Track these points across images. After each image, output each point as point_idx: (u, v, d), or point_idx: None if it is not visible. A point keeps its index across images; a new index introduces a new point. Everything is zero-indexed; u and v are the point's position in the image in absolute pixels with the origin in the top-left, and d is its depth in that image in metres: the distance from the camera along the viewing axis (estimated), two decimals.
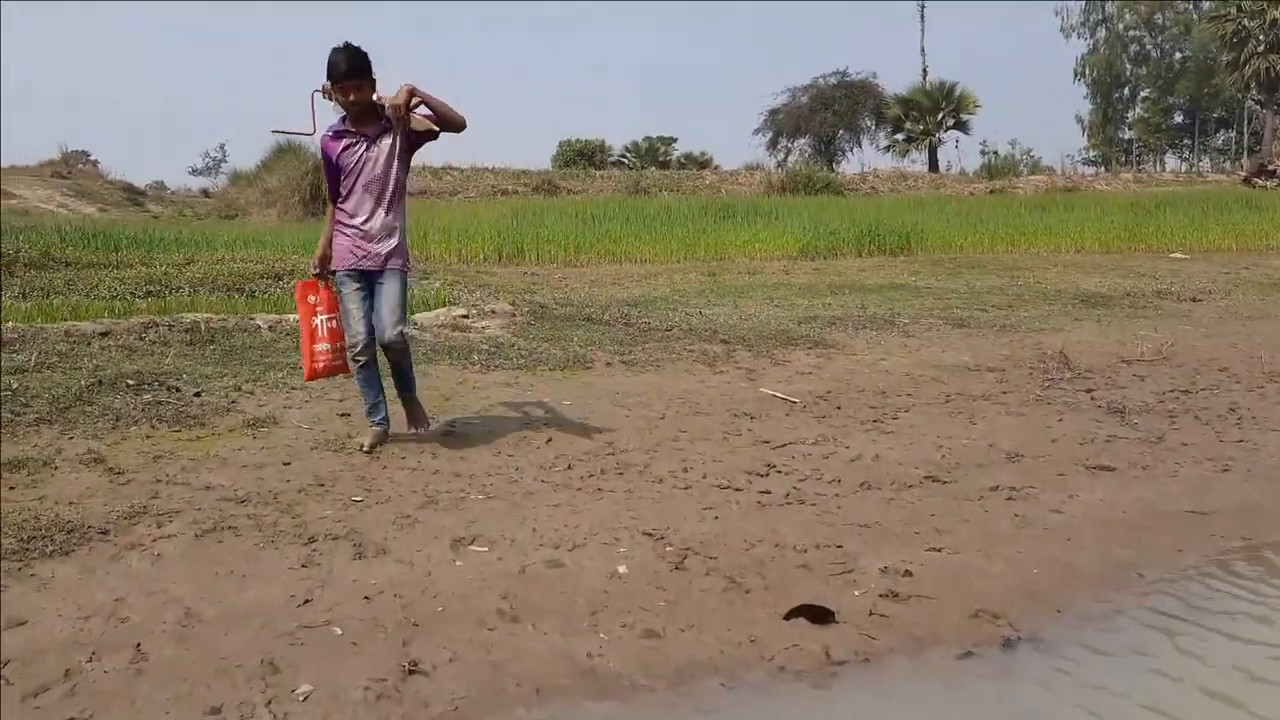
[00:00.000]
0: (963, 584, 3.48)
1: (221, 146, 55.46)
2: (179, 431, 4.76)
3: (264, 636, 2.94)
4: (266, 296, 10.60)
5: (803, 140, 41.57)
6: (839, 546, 3.56)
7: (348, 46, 4.42)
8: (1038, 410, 6.01)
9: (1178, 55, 49.69)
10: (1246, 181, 31.01)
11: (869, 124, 40.97)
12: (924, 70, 41.95)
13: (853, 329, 8.66)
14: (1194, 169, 39.57)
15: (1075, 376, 7.07)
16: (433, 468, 4.52)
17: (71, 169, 25.48)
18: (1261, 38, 36.54)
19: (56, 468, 4.11)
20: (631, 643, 3.00)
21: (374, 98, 4.49)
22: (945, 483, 4.53)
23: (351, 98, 4.44)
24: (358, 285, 4.60)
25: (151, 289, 10.85)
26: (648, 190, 24.32)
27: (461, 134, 4.75)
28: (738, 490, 4.33)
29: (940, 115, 37.35)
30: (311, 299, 4.81)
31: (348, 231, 4.60)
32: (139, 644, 2.87)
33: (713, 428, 5.51)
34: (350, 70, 4.40)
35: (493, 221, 18.31)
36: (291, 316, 7.04)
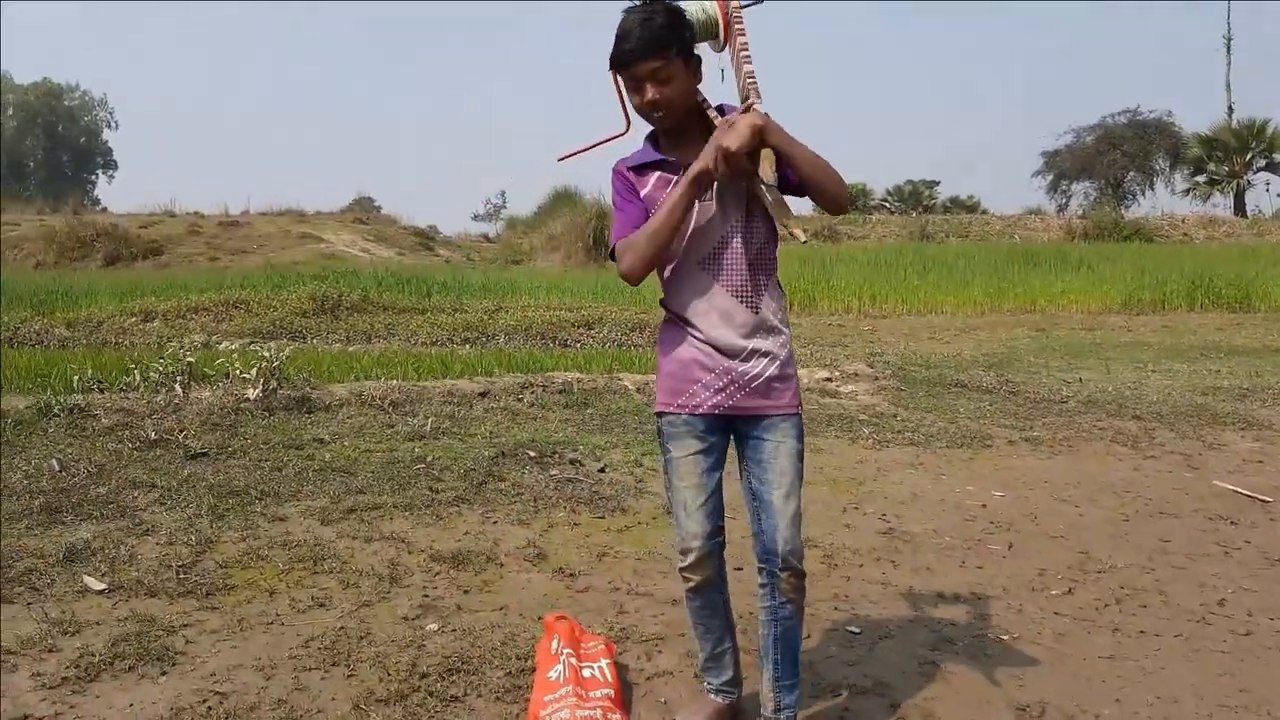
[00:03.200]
0: None
1: (502, 193, 58.06)
2: (602, 518, 4.28)
3: None
4: (580, 345, 10.47)
5: (1087, 183, 38.83)
6: None
7: (647, 4, 2.37)
8: None
9: None
10: None
11: (1163, 165, 37.72)
12: (1229, 107, 38.19)
13: (1273, 406, 7.36)
14: None
15: None
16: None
17: (369, 215, 27.00)
18: None
19: (501, 564, 3.67)
20: None
21: (698, 100, 2.44)
22: None
23: (650, 96, 2.34)
24: (702, 445, 2.45)
25: (469, 335, 10.91)
26: (932, 236, 23.11)
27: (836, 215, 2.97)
28: None
29: (1249, 155, 33.82)
30: (555, 644, 2.80)
31: (689, 342, 2.45)
32: None
33: (1196, 536, 4.55)
34: (646, 46, 2.30)
35: (780, 270, 17.75)
36: (653, 378, 6.57)
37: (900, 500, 4.85)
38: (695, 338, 2.42)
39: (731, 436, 2.49)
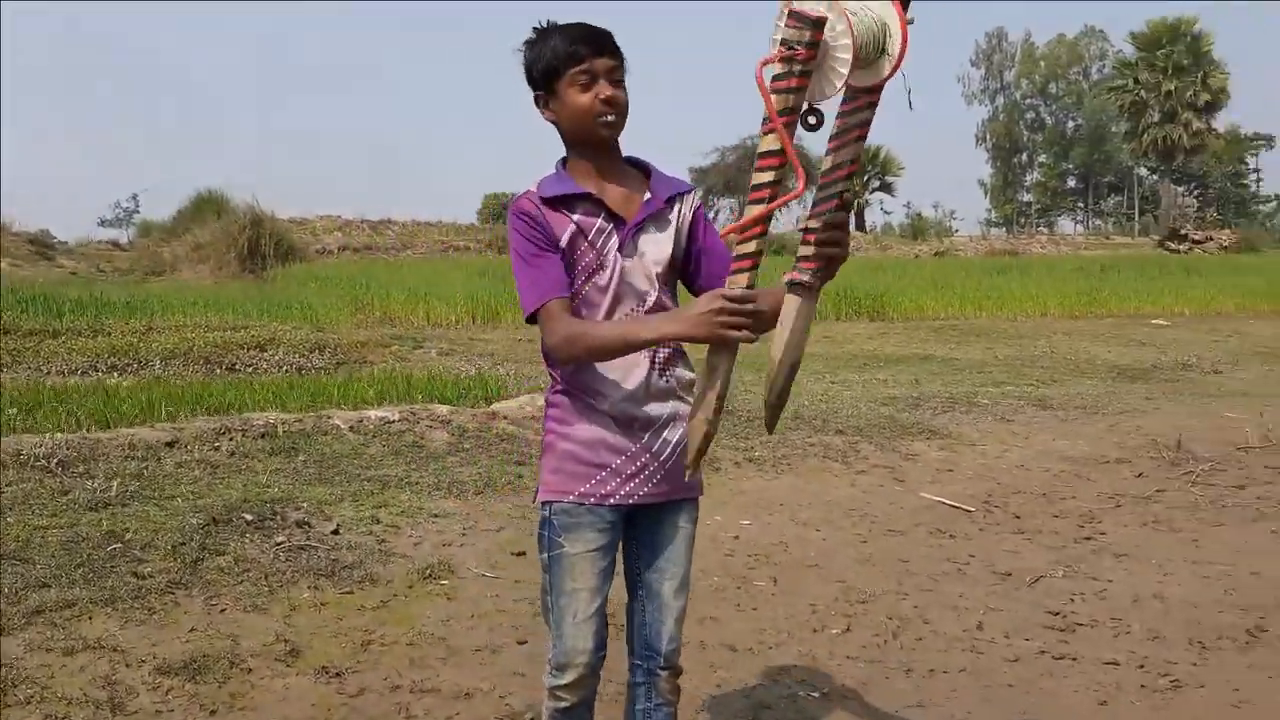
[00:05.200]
0: None
1: (134, 196, 52.21)
2: (351, 593, 3.75)
3: None
4: (253, 370, 9.52)
5: (731, 200, 41.56)
6: None
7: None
8: (1235, 519, 5.45)
9: (1070, 123, 51.86)
10: (1161, 245, 32.05)
11: (795, 185, 41.06)
12: None
13: (946, 413, 8.07)
14: (1099, 232, 41.01)
15: (1212, 469, 6.59)
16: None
17: None
18: (1157, 109, 38.20)
19: (249, 669, 3.08)
20: None
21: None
22: None
23: (609, 93, 2.05)
24: (604, 539, 2.12)
25: (118, 362, 9.57)
26: None
27: None
28: (1074, 661, 3.58)
29: (866, 177, 37.76)
30: None
31: (595, 417, 2.10)
32: None
33: (928, 554, 4.81)
34: (607, 39, 2.08)
35: (462, 281, 17.34)
36: (373, 413, 6.02)
37: None
38: (602, 410, 2.08)
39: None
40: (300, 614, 3.53)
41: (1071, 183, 53.02)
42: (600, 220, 2.09)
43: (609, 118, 2.06)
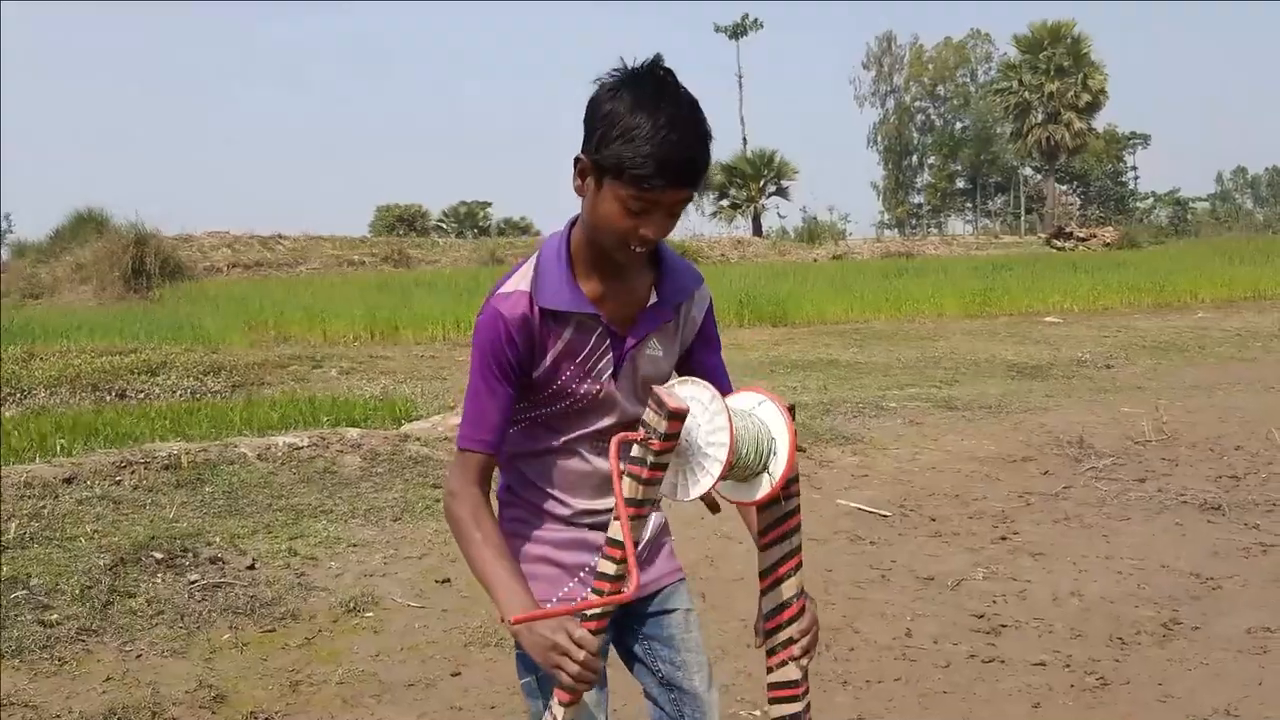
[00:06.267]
0: None
1: (7, 216, 49.78)
2: (274, 632, 3.62)
3: None
4: (145, 397, 9.17)
5: None
6: None
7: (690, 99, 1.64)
8: (1140, 513, 5.66)
9: (958, 125, 53.56)
10: (1048, 243, 33.18)
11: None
12: (744, 138, 43.11)
13: (856, 418, 8.19)
14: (989, 232, 42.41)
15: (1113, 464, 6.84)
16: None
17: None
18: (1040, 109, 39.70)
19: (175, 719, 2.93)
20: None
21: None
22: (1196, 627, 4.00)
23: (660, 231, 1.66)
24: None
25: None
26: (503, 260, 23.44)
27: None
28: (1003, 663, 3.65)
29: (762, 182, 38.38)
30: None
31: (554, 524, 1.85)
32: None
33: (852, 561, 4.87)
34: (703, 169, 1.65)
35: (358, 297, 16.98)
36: (280, 439, 5.82)
37: None
38: (562, 518, 1.82)
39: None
40: (222, 656, 3.39)
41: (960, 183, 54.86)
42: (594, 338, 1.73)
43: (638, 249, 1.65)
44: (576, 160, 1.65)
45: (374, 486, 5.48)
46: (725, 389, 1.66)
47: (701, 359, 1.87)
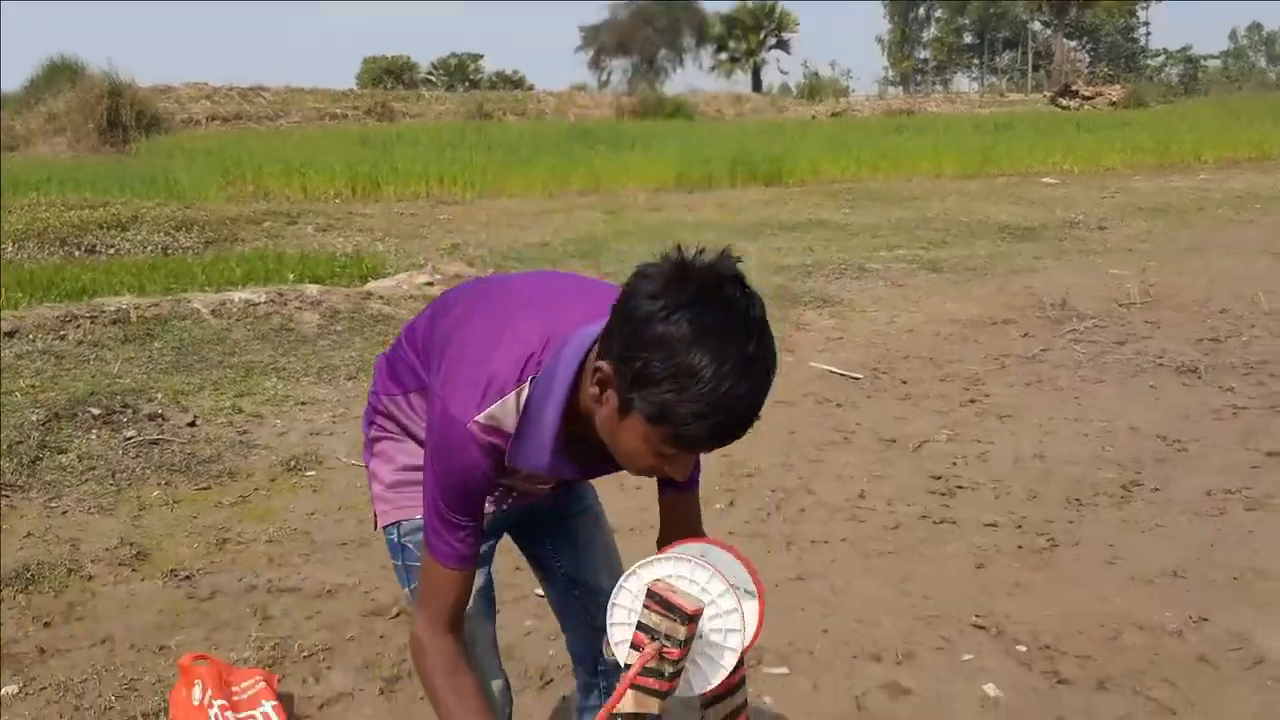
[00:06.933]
0: None
1: None
2: (208, 489, 3.52)
3: None
4: (114, 252, 8.98)
5: (624, 59, 40.56)
6: (1204, 619, 2.85)
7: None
8: (1115, 376, 5.54)
9: None
10: (1053, 102, 32.38)
11: (690, 43, 40.29)
12: None
13: (839, 280, 8.03)
14: (994, 90, 41.23)
15: (1094, 326, 6.70)
16: None
17: None
18: None
19: (89, 576, 2.85)
20: None
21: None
22: (1155, 489, 3.91)
23: (683, 471, 1.35)
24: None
25: None
26: (490, 114, 22.79)
27: None
28: (954, 524, 3.57)
29: (763, 34, 37.06)
30: (199, 692, 2.17)
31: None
32: None
33: (814, 424, 4.76)
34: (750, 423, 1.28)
35: (338, 152, 16.54)
36: (237, 295, 5.65)
37: None
38: None
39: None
40: (150, 514, 3.30)
41: (968, 38, 53.06)
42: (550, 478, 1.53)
43: (650, 475, 1.40)
44: (596, 370, 1.27)
45: (331, 344, 5.34)
46: (688, 531, 1.54)
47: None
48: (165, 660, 2.42)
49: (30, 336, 4.77)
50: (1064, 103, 31.07)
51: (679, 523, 1.60)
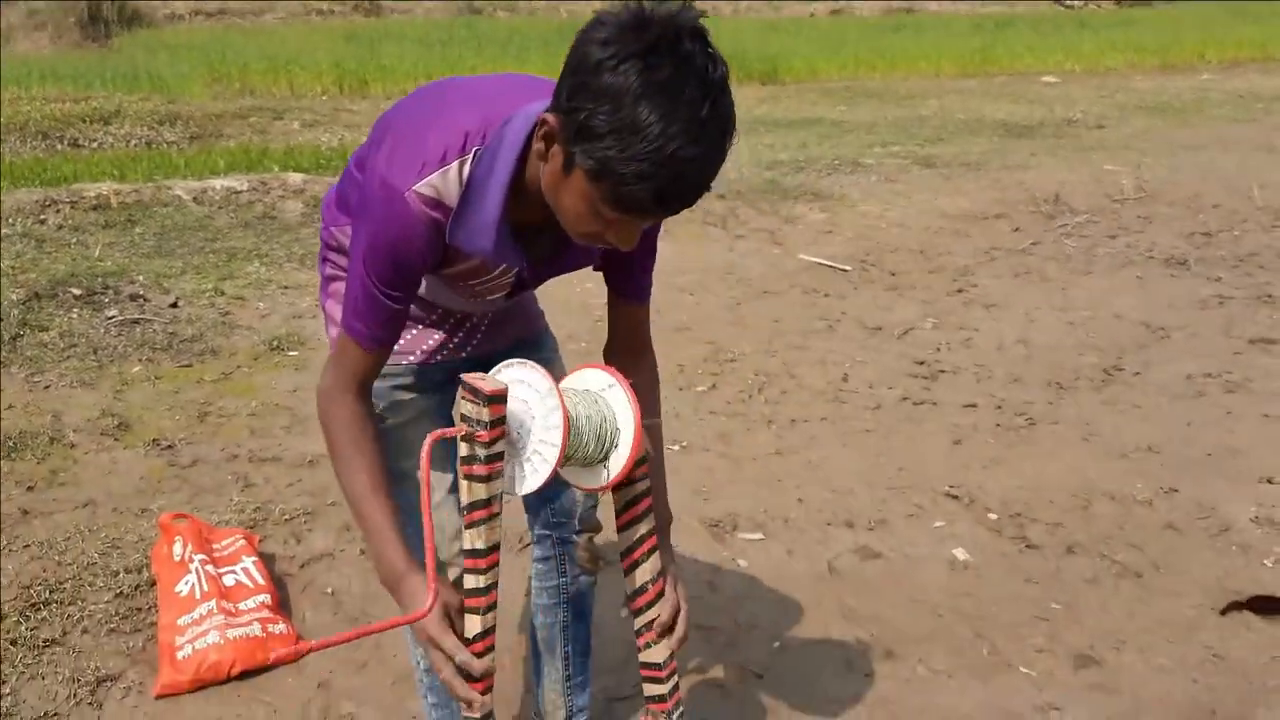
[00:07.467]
0: None
1: None
2: (190, 366, 3.53)
3: None
4: (97, 146, 8.85)
5: None
6: (1174, 490, 2.89)
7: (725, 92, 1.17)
8: (1104, 267, 5.53)
9: None
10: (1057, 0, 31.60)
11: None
12: None
13: (831, 175, 7.93)
14: None
15: (1086, 221, 6.67)
16: None
17: None
18: None
19: (71, 444, 2.87)
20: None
21: None
22: (1136, 373, 3.93)
23: (631, 244, 1.26)
24: (433, 399, 1.64)
25: None
26: (480, 10, 22.23)
27: None
28: (934, 405, 3.60)
29: None
30: (180, 548, 2.21)
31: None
32: None
33: (801, 313, 4.76)
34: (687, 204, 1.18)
35: (325, 49, 16.17)
36: (219, 182, 5.58)
37: None
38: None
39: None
40: (132, 388, 3.31)
41: None
42: (499, 270, 1.44)
43: (596, 245, 1.30)
44: (542, 122, 1.19)
45: (315, 232, 5.27)
46: (637, 341, 1.53)
47: (620, 283, 1.52)
48: (147, 522, 2.46)
49: (10, 220, 4.72)
50: (1068, 2, 30.34)
51: (627, 335, 1.56)
